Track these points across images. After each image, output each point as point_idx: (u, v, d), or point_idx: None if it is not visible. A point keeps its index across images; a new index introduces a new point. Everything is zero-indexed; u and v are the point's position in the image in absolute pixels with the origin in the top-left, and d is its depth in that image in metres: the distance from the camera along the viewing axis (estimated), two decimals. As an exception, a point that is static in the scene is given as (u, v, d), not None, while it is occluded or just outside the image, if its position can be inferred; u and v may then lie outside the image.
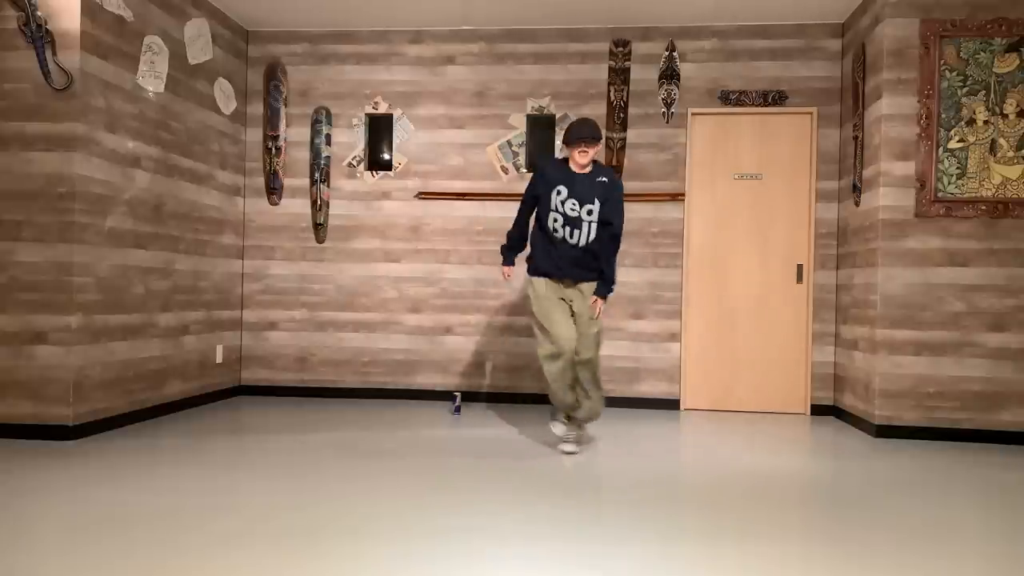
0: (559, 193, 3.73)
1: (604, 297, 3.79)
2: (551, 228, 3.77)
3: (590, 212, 3.72)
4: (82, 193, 3.87)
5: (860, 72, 4.78)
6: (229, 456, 3.60)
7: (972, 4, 4.37)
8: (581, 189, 3.73)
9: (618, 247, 3.83)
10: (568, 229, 3.74)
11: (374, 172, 5.54)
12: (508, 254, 4.01)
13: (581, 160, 3.71)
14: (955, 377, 4.38)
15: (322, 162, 5.54)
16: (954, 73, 4.37)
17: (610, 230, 3.74)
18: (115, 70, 4.11)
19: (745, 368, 5.25)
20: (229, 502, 2.82)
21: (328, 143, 5.56)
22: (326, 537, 2.44)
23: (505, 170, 5.42)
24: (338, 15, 5.28)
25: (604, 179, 3.75)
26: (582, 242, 3.74)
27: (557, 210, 3.74)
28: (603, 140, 3.77)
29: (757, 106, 5.22)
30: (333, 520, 2.63)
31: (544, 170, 3.83)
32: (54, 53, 3.81)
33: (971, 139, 4.36)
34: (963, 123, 4.37)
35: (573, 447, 3.86)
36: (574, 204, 3.72)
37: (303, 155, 5.58)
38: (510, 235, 4.00)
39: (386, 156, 5.56)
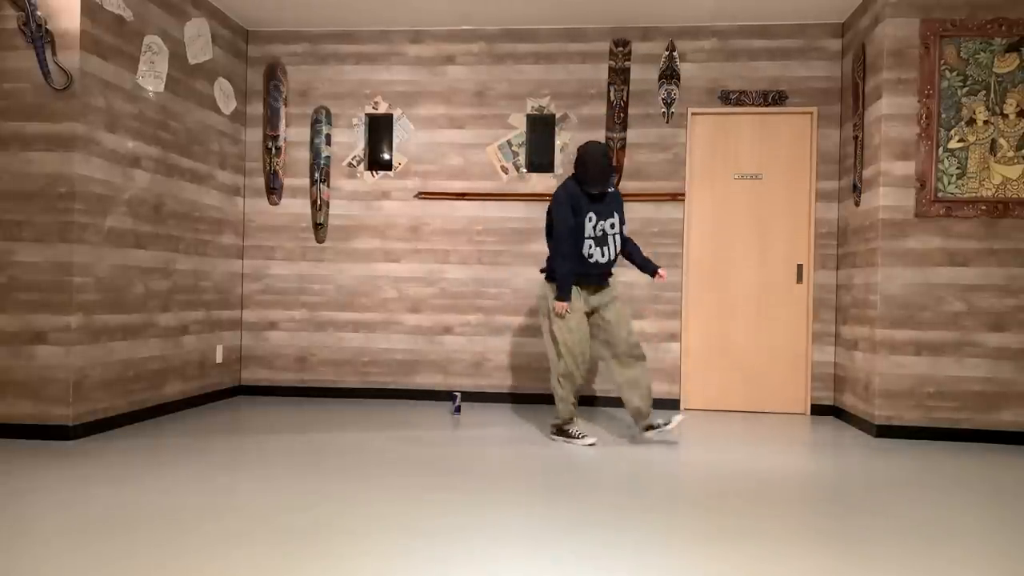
0: (591, 219, 3.95)
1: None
2: (586, 253, 3.96)
3: (613, 226, 4.01)
4: (82, 193, 3.87)
5: (860, 72, 4.77)
6: (229, 456, 3.60)
7: (972, 4, 4.37)
8: (604, 207, 4.02)
9: None
10: (599, 250, 3.98)
11: (374, 172, 5.54)
12: (568, 290, 3.97)
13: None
14: (955, 377, 4.38)
15: (322, 162, 5.54)
16: (954, 73, 4.37)
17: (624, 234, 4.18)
18: (115, 70, 4.11)
19: (745, 368, 5.25)
20: (229, 502, 2.82)
21: (328, 143, 5.56)
22: (326, 537, 2.44)
23: (505, 170, 5.42)
24: (338, 15, 5.28)
25: (613, 190, 4.07)
26: (612, 256, 4.02)
27: (590, 236, 3.96)
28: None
29: (757, 106, 5.22)
30: (333, 520, 2.63)
31: (572, 203, 3.97)
32: (54, 53, 3.81)
33: (971, 139, 4.36)
34: (963, 123, 4.37)
35: (591, 439, 4.06)
36: (602, 225, 3.99)
37: (303, 155, 5.58)
38: (565, 270, 3.94)
39: (386, 156, 5.56)
